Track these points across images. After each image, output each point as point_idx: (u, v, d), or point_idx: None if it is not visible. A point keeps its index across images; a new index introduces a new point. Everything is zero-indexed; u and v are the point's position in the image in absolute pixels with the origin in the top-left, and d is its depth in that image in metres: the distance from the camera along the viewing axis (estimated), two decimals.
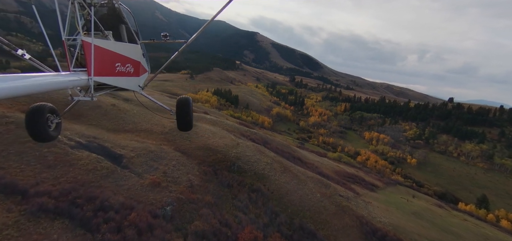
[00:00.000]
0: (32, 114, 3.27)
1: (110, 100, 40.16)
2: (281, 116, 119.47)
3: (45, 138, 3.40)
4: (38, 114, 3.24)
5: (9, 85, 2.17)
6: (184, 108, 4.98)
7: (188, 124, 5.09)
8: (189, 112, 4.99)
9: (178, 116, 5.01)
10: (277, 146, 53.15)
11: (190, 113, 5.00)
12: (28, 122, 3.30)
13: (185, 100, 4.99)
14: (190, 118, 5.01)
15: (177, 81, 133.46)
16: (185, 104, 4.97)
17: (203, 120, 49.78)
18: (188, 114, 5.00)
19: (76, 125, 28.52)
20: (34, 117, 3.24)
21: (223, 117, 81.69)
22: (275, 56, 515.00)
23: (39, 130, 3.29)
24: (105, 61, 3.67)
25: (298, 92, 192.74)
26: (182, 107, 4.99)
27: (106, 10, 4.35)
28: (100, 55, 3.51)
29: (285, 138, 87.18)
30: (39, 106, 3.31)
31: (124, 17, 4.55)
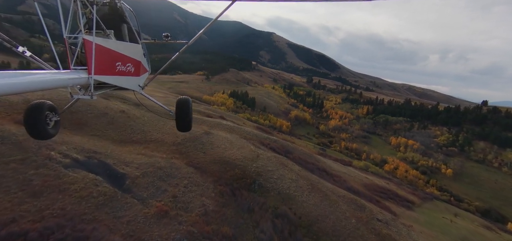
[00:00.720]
0: (31, 112, 3.25)
1: (119, 105, 36.92)
2: (300, 119, 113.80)
3: (44, 136, 3.39)
4: (37, 112, 3.22)
5: (9, 82, 2.16)
6: (184, 109, 4.88)
7: (187, 125, 4.99)
8: (188, 113, 4.90)
9: (177, 116, 4.91)
10: (300, 156, 48.09)
11: (189, 114, 4.93)
12: (27, 120, 3.28)
13: (185, 100, 4.91)
14: (190, 119, 4.92)
15: (193, 83, 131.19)
16: (185, 105, 4.88)
17: (219, 126, 45.68)
18: (188, 115, 4.90)
19: (76, 136, 25.07)
20: (33, 115, 3.22)
21: (240, 121, 77.60)
22: (292, 57, 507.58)
23: (37, 127, 3.26)
24: (105, 60, 3.64)
25: (316, 93, 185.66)
26: (182, 108, 4.89)
27: (108, 9, 4.33)
28: (101, 54, 3.50)
29: (305, 143, 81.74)
30: (38, 104, 3.29)
31: (126, 17, 4.56)
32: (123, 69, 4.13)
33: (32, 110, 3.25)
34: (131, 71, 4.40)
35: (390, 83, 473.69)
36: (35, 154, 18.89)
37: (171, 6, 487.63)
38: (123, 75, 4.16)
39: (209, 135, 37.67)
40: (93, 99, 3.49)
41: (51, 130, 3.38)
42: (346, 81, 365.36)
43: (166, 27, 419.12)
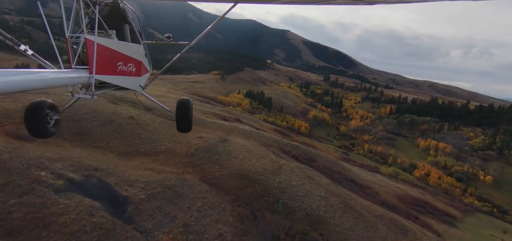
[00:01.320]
0: (31, 110, 3.25)
1: (129, 111, 34.00)
2: (319, 119, 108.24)
3: (44, 134, 3.39)
4: (37, 110, 3.23)
5: (11, 80, 2.19)
6: (184, 110, 4.89)
7: (187, 126, 4.99)
8: (189, 114, 4.92)
9: (178, 117, 4.90)
10: (324, 164, 43.48)
11: (190, 115, 4.93)
12: (28, 118, 3.28)
13: (186, 101, 4.93)
14: (190, 119, 4.93)
15: (208, 83, 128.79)
16: (185, 105, 4.89)
17: (236, 132, 41.93)
18: (188, 115, 4.91)
19: (76, 149, 22.03)
20: (34, 113, 3.22)
21: (257, 123, 73.75)
22: (307, 54, 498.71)
23: (38, 126, 3.26)
24: (107, 60, 3.64)
25: (334, 92, 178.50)
26: (182, 108, 4.90)
27: (111, 9, 4.26)
28: (103, 54, 3.49)
29: (326, 147, 76.63)
30: (38, 102, 3.29)
31: (128, 17, 4.53)
32: (125, 69, 4.09)
33: (33, 109, 3.23)
34: (132, 71, 4.36)
35: (411, 80, 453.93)
36: (20, 177, 15.81)
37: (185, 6, 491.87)
38: (124, 75, 4.11)
39: (225, 143, 33.98)
40: (94, 99, 3.44)
41: (51, 129, 3.38)
42: (364, 78, 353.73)
43: (181, 27, 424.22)
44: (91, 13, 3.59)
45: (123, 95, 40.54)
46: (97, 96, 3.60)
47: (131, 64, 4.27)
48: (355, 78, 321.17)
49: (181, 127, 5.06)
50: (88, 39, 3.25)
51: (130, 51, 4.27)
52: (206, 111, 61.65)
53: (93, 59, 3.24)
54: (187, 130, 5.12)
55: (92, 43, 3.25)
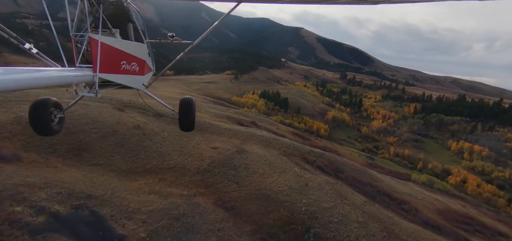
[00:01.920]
0: (36, 108, 3.27)
1: (135, 119, 30.65)
2: (338, 120, 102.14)
3: (48, 132, 3.40)
4: (42, 108, 3.25)
5: (15, 78, 2.22)
6: (187, 109, 4.84)
7: (190, 124, 4.92)
8: (191, 113, 4.90)
9: (181, 116, 4.84)
10: (353, 174, 38.56)
11: (192, 114, 4.92)
12: (32, 116, 3.28)
13: (188, 100, 4.88)
14: (193, 118, 4.93)
15: (221, 83, 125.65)
16: (188, 104, 4.84)
17: (253, 139, 37.81)
18: (191, 115, 4.89)
19: (70, 170, 18.63)
20: (38, 111, 3.24)
21: (274, 126, 69.37)
22: (322, 52, 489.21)
23: (42, 123, 3.28)
24: (111, 59, 3.67)
25: (353, 90, 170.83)
26: (185, 107, 4.84)
27: (115, 8, 4.24)
28: (106, 53, 3.52)
29: (348, 150, 71.10)
30: (43, 100, 3.31)
31: (132, 16, 4.53)
32: (128, 68, 4.10)
33: (37, 106, 3.25)
34: (136, 70, 4.35)
35: (431, 76, 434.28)
36: None
37: (199, 7, 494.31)
38: (128, 74, 4.12)
39: (242, 153, 29.92)
40: (98, 97, 3.45)
41: (55, 127, 3.40)
42: (382, 75, 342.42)
43: (195, 27, 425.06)
44: (95, 12, 3.62)
45: (130, 100, 37.42)
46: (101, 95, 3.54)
47: (134, 63, 4.26)
48: (373, 75, 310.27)
49: (184, 126, 4.90)
50: (92, 38, 3.27)
51: (134, 50, 4.26)
52: (220, 115, 58.01)
53: (97, 58, 3.25)
54: (190, 129, 4.97)
55: (96, 42, 3.27)
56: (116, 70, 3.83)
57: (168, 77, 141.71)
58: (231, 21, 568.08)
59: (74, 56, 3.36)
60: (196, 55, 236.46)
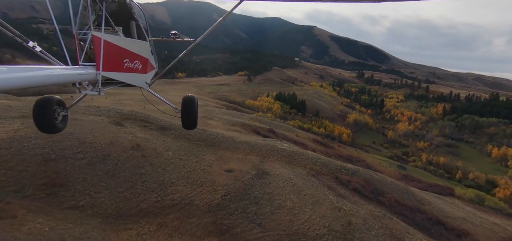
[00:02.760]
0: (40, 106, 3.31)
1: (135, 135, 25.45)
2: (360, 124, 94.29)
3: (52, 129, 3.45)
4: (45, 106, 3.27)
5: (19, 76, 2.25)
6: (190, 107, 4.83)
7: (192, 123, 4.95)
8: (194, 111, 4.92)
9: (183, 114, 4.82)
10: (396, 197, 31.95)
11: (194, 112, 4.94)
12: (36, 114, 3.33)
13: (191, 98, 4.87)
14: (195, 117, 4.96)
15: (234, 85, 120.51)
16: (191, 102, 4.84)
17: (274, 154, 31.97)
18: (193, 113, 4.91)
19: (36, 219, 13.42)
20: (42, 109, 3.28)
21: (292, 132, 63.22)
22: (335, 50, 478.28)
23: (46, 121, 3.31)
24: (114, 57, 3.70)
25: (372, 90, 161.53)
26: (187, 105, 4.82)
27: (117, 6, 4.25)
28: (109, 51, 3.55)
29: (376, 158, 63.85)
30: (47, 98, 3.36)
31: (135, 14, 4.54)
32: (131, 66, 4.13)
33: (41, 105, 3.27)
34: (139, 68, 4.38)
35: (452, 73, 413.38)
36: None
37: (210, 7, 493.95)
38: (131, 72, 4.17)
39: (264, 178, 24.12)
40: (101, 95, 3.49)
41: (59, 124, 3.41)
42: (400, 73, 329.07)
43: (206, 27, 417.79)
44: (98, 10, 3.61)
45: (132, 111, 32.43)
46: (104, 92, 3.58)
47: (137, 61, 4.25)
48: (390, 73, 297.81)
49: (186, 124, 4.83)
50: (95, 36, 3.28)
51: (137, 48, 4.27)
52: (234, 122, 52.48)
53: (100, 56, 3.26)
54: (193, 127, 4.91)
55: (99, 40, 3.28)
56: (119, 68, 3.80)
57: (179, 80, 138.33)
58: (242, 21, 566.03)
59: (78, 54, 3.35)
60: (208, 56, 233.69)
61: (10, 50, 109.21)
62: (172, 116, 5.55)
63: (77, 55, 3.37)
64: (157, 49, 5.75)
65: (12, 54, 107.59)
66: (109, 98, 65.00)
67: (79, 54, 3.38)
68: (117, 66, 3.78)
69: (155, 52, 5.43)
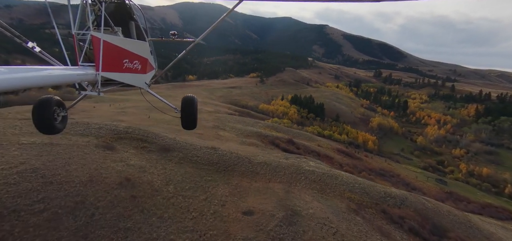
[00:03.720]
0: (39, 106, 3.31)
1: (128, 162, 19.77)
2: (385, 128, 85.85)
3: (52, 130, 3.44)
4: (45, 106, 3.27)
5: (19, 76, 2.25)
6: (189, 107, 4.81)
7: (192, 123, 4.91)
8: (193, 111, 4.90)
9: (183, 114, 4.80)
10: (461, 235, 24.88)
11: (194, 112, 4.92)
12: (36, 114, 3.32)
13: (191, 99, 4.86)
14: (194, 117, 4.93)
15: (246, 87, 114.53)
16: (190, 103, 4.83)
17: (301, 179, 25.70)
18: (193, 113, 4.88)
19: None
20: (41, 109, 3.28)
21: (313, 141, 56.49)
22: (348, 49, 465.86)
23: (46, 122, 3.31)
24: (113, 57, 3.67)
25: (392, 90, 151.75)
26: (187, 105, 4.81)
27: (117, 7, 4.27)
28: (109, 51, 3.53)
29: (409, 170, 56.11)
30: (46, 99, 3.36)
31: (134, 14, 4.55)
32: (130, 66, 4.08)
33: (41, 105, 3.27)
34: (138, 68, 4.35)
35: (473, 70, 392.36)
36: None
37: (220, 8, 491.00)
38: (130, 72, 4.13)
39: (294, 223, 18.06)
40: (100, 95, 3.47)
41: (58, 125, 3.41)
42: (418, 71, 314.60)
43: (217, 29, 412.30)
44: (98, 10, 3.57)
45: (129, 129, 26.81)
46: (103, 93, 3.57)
47: (136, 61, 4.22)
48: (408, 71, 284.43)
49: (186, 124, 4.80)
50: (94, 36, 3.26)
51: (136, 48, 4.22)
52: (249, 132, 46.33)
53: (100, 56, 3.23)
54: (192, 127, 4.85)
55: (98, 40, 3.26)
56: (118, 69, 3.74)
57: (190, 83, 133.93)
58: (252, 21, 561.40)
59: (77, 54, 3.32)
60: (218, 58, 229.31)
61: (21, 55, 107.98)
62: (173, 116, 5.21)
63: (77, 56, 3.32)
64: None
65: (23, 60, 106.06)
66: (113, 105, 60.36)
67: (79, 55, 3.33)
68: (116, 66, 3.69)
69: (154, 52, 5.25)
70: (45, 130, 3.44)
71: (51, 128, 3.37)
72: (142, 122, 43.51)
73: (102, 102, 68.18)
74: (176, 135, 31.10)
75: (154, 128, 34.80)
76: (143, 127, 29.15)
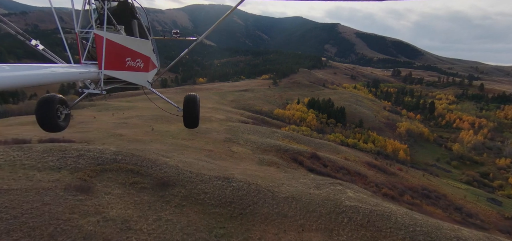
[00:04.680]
0: (42, 104, 3.36)
1: (108, 212, 13.58)
2: (414, 134, 76.96)
3: (55, 128, 3.49)
4: (48, 104, 3.34)
5: (22, 74, 2.27)
6: (191, 105, 4.79)
7: (194, 121, 4.85)
8: (195, 110, 4.84)
9: (185, 113, 4.76)
10: None
11: (197, 111, 4.85)
12: (39, 112, 3.37)
13: (193, 97, 4.81)
14: (197, 115, 4.85)
15: (259, 90, 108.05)
16: (192, 101, 4.79)
17: (345, 223, 19.11)
18: (195, 112, 4.83)
19: None
20: (45, 107, 3.33)
21: (339, 154, 49.41)
22: (362, 47, 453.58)
23: (49, 119, 3.36)
24: (116, 55, 3.72)
25: (415, 90, 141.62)
26: (189, 104, 4.78)
27: (119, 5, 4.25)
28: (112, 49, 3.58)
29: (451, 186, 47.96)
30: (49, 97, 3.42)
31: (136, 13, 4.47)
32: (133, 65, 4.10)
33: (44, 103, 3.31)
34: (141, 66, 4.32)
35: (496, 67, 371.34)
36: None
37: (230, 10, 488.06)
38: (133, 71, 4.13)
39: None
40: (103, 93, 3.56)
41: (61, 123, 3.47)
42: (437, 69, 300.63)
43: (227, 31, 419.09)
44: (100, 9, 3.66)
45: (118, 154, 20.85)
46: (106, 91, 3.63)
47: (139, 59, 4.20)
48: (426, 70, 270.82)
49: (188, 123, 4.76)
50: (97, 35, 3.29)
51: (139, 47, 4.19)
52: (266, 146, 39.77)
53: (102, 54, 3.28)
54: (194, 126, 4.78)
55: (101, 39, 3.29)
56: (121, 67, 3.79)
57: (200, 86, 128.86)
58: (263, 21, 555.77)
59: (80, 52, 3.36)
60: (229, 60, 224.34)
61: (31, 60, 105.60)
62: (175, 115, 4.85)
63: (80, 54, 3.33)
64: None
65: None
66: (116, 115, 55.22)
67: (82, 53, 3.35)
68: (119, 64, 3.74)
69: (157, 51, 5.17)
70: (48, 128, 3.42)
71: (54, 126, 3.39)
72: (144, 136, 37.82)
73: (106, 111, 63.29)
74: (180, 156, 24.92)
75: (154, 147, 28.86)
76: (138, 151, 23.19)
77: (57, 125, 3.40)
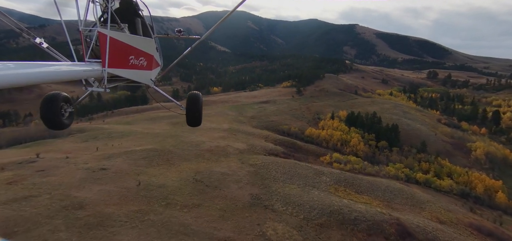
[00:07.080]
0: (47, 102, 3.35)
1: None
2: (495, 159, 57.65)
3: (59, 125, 3.48)
4: (52, 102, 3.32)
5: (26, 72, 2.27)
6: (194, 103, 4.72)
7: (197, 119, 4.76)
8: (198, 108, 4.77)
9: (188, 111, 4.67)
10: None
11: (199, 109, 4.79)
12: (43, 110, 3.35)
13: (195, 95, 4.74)
14: (199, 113, 4.78)
15: (282, 102, 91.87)
16: (195, 99, 4.72)
17: None
18: (198, 110, 4.77)
19: None
20: (49, 105, 3.31)
21: (415, 206, 32.57)
22: (383, 48, 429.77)
23: (53, 117, 3.35)
24: (119, 53, 3.73)
25: (461, 95, 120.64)
26: (192, 102, 4.71)
27: (123, 3, 4.27)
28: (115, 47, 3.59)
29: None
30: (53, 94, 3.41)
31: (140, 11, 4.53)
32: (136, 63, 4.11)
33: (48, 101, 3.32)
34: (144, 65, 4.37)
35: None
36: None
37: (245, 15, 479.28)
38: (136, 69, 4.16)
39: None
40: (107, 91, 3.55)
41: (65, 121, 3.47)
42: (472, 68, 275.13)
43: (241, 36, 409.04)
44: (104, 7, 3.68)
45: None
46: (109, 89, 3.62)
47: (142, 57, 4.24)
48: (460, 70, 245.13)
49: (190, 121, 4.67)
50: (101, 33, 3.31)
51: (142, 45, 4.21)
52: (318, 213, 23.66)
53: (106, 53, 3.29)
54: (197, 123, 4.67)
55: (105, 37, 3.31)
56: (124, 65, 3.80)
57: (214, 97, 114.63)
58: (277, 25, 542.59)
59: (84, 50, 3.38)
60: (245, 66, 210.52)
61: None
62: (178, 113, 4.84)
63: (84, 52, 3.34)
64: None
65: None
66: (100, 150, 40.96)
67: (85, 51, 3.37)
68: (122, 62, 3.74)
69: (160, 49, 5.23)
70: (52, 126, 3.39)
71: (58, 124, 3.37)
72: (118, 206, 22.53)
73: (93, 141, 49.02)
74: None
75: None
76: None
77: (61, 123, 3.33)
